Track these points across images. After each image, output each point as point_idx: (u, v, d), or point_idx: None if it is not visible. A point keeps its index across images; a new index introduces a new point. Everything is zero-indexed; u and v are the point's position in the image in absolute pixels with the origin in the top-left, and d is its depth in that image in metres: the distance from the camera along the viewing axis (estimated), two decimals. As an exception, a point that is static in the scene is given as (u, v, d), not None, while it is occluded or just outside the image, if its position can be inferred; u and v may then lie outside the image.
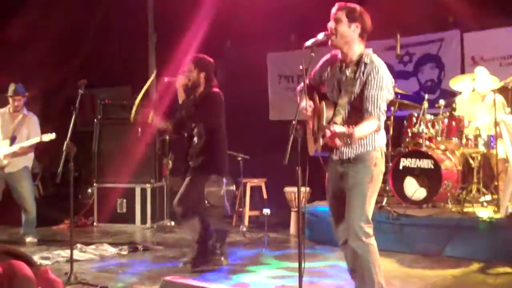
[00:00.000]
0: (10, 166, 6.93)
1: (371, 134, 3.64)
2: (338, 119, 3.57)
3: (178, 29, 9.74)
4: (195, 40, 9.96)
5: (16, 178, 6.96)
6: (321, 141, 3.61)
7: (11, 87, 7.00)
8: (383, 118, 3.60)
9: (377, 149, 3.70)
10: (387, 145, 4.28)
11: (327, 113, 3.66)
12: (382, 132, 3.76)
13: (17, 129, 6.95)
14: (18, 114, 7.03)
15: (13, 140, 6.91)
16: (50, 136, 6.69)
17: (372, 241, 3.65)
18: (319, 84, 3.93)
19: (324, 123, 3.64)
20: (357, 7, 3.74)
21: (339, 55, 3.80)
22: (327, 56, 3.91)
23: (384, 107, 3.60)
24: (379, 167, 3.72)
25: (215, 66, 5.73)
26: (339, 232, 3.89)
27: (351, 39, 3.69)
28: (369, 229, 3.64)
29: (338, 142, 3.36)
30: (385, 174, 3.98)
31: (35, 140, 6.79)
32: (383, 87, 3.59)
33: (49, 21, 9.99)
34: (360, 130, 3.37)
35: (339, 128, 3.31)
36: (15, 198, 7.02)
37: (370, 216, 3.67)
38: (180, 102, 5.50)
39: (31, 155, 7.08)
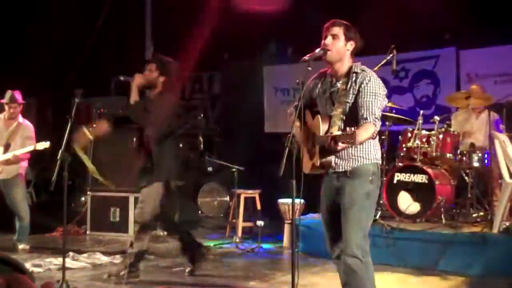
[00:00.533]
0: (4, 173, 6.90)
1: (367, 147, 3.66)
2: (335, 129, 3.58)
3: (176, 40, 9.79)
4: (193, 51, 10.01)
5: (10, 185, 6.93)
6: (317, 152, 3.63)
7: (8, 94, 6.97)
8: (379, 124, 3.61)
9: (373, 163, 3.71)
10: (381, 159, 4.30)
11: (323, 126, 3.68)
12: (377, 145, 3.78)
13: (11, 136, 6.91)
14: (13, 121, 6.99)
15: (6, 147, 6.87)
16: (44, 145, 6.66)
17: (369, 258, 3.65)
18: (310, 103, 3.97)
19: (321, 134, 3.66)
20: (351, 25, 3.80)
21: (329, 71, 3.85)
22: (315, 75, 3.95)
23: (379, 113, 3.61)
24: (375, 182, 3.73)
25: (179, 70, 5.61)
26: (333, 246, 3.89)
27: (344, 55, 3.75)
28: (367, 246, 3.65)
29: (340, 145, 3.36)
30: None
31: (29, 148, 6.76)
32: (377, 94, 3.62)
33: (47, 31, 10.03)
34: (360, 132, 3.35)
35: (337, 132, 3.36)
36: (8, 205, 6.98)
37: (367, 233, 3.68)
38: (131, 102, 5.31)
39: (25, 162, 7.06)
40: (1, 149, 6.87)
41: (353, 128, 3.28)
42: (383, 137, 6.77)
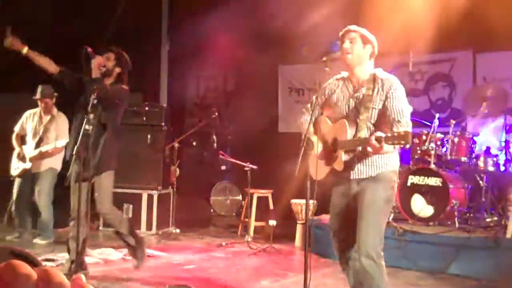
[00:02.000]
0: (36, 167, 7.04)
1: (389, 155, 3.68)
2: (362, 134, 3.61)
3: (191, 38, 9.82)
4: (207, 50, 10.03)
5: (39, 178, 7.05)
6: (343, 157, 3.61)
7: (38, 89, 7.08)
8: (410, 128, 3.62)
9: (393, 170, 3.76)
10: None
11: (350, 130, 3.68)
12: (396, 153, 3.80)
13: (44, 130, 7.06)
14: (47, 115, 7.13)
15: (39, 142, 7.02)
16: (62, 143, 6.76)
17: (383, 261, 3.67)
18: (323, 108, 3.98)
19: (348, 138, 3.65)
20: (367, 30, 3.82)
21: (347, 76, 3.87)
22: (331, 80, 3.95)
23: (409, 117, 3.67)
24: (394, 189, 3.79)
25: (132, 67, 5.58)
26: (341, 251, 3.90)
27: (364, 59, 3.78)
28: (381, 249, 3.66)
29: (386, 147, 3.35)
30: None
31: (51, 146, 6.87)
32: (404, 100, 3.69)
33: (62, 28, 10.08)
34: (409, 132, 3.31)
35: (382, 134, 3.31)
36: (32, 199, 7.12)
37: (382, 236, 3.69)
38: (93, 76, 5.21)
39: (59, 156, 7.07)
40: (33, 143, 7.02)
41: (401, 130, 3.30)
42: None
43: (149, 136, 8.28)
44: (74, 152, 4.82)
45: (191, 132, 8.81)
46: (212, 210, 9.88)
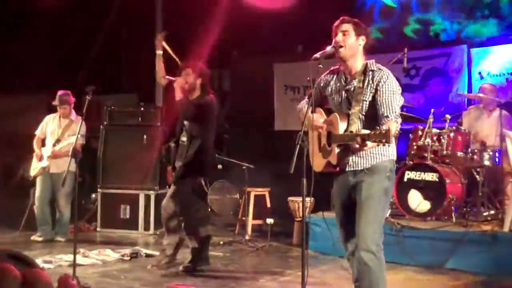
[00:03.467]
0: (55, 167, 7.31)
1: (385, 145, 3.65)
2: (354, 128, 3.57)
3: (186, 38, 9.79)
4: (203, 49, 10.01)
5: (57, 179, 7.18)
6: (336, 150, 3.61)
7: (57, 97, 7.45)
8: (400, 121, 3.62)
9: (390, 160, 3.73)
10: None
11: (341, 124, 3.66)
12: (393, 143, 3.77)
13: (61, 133, 7.39)
14: (66, 119, 7.48)
15: (56, 143, 7.35)
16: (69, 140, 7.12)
17: (382, 254, 3.66)
18: (320, 100, 3.97)
19: (340, 133, 3.65)
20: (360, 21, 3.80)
21: (342, 68, 3.84)
22: (326, 72, 3.95)
23: (399, 111, 3.62)
24: (391, 179, 3.76)
25: (210, 76, 5.93)
26: (346, 243, 3.89)
27: (357, 51, 3.75)
28: (380, 242, 3.65)
29: (370, 144, 3.34)
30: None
31: (67, 141, 7.15)
32: (395, 92, 3.63)
33: (58, 29, 10.07)
34: (391, 130, 3.27)
35: (366, 131, 3.31)
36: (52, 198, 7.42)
37: (381, 228, 3.68)
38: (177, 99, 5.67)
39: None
40: (51, 144, 7.34)
41: (384, 127, 3.26)
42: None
43: (145, 137, 8.28)
44: None
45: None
46: (209, 209, 9.87)
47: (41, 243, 7.17)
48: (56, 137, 7.38)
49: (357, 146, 3.38)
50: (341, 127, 3.65)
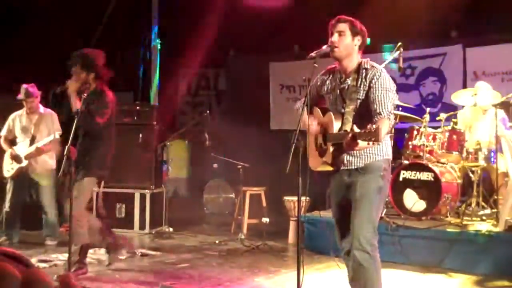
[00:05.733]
0: (32, 169, 7.02)
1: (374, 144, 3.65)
2: (348, 127, 3.58)
3: (182, 36, 9.79)
4: (199, 47, 10.01)
5: (38, 179, 7.06)
6: (331, 149, 3.61)
7: (22, 90, 7.04)
8: (393, 118, 3.62)
9: (384, 159, 3.72)
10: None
11: (336, 123, 3.66)
12: (388, 141, 3.77)
13: (35, 129, 7.04)
14: (34, 114, 7.11)
15: (32, 140, 7.00)
16: (56, 136, 6.80)
17: (377, 253, 3.66)
18: (317, 99, 3.97)
19: (335, 131, 3.64)
20: (357, 20, 3.79)
21: (337, 67, 3.85)
22: (322, 72, 3.95)
23: (392, 108, 3.61)
24: (386, 178, 3.75)
25: (104, 57, 5.52)
26: (343, 242, 3.89)
27: (352, 51, 3.75)
28: (375, 241, 3.65)
29: (361, 143, 3.31)
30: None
31: (49, 138, 6.85)
32: (388, 89, 3.62)
33: (54, 26, 10.03)
34: (381, 129, 3.24)
35: (357, 130, 3.29)
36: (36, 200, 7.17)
37: (376, 227, 3.67)
38: (74, 110, 5.21)
39: (53, 154, 7.10)
40: (28, 142, 7.00)
41: (374, 126, 3.22)
42: (389, 134, 6.75)
43: (140, 135, 8.26)
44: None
45: (182, 131, 8.79)
46: (205, 208, 9.87)
47: (36, 243, 7.10)
48: (31, 134, 7.00)
49: (347, 145, 3.37)
50: (336, 126, 3.65)
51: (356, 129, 3.32)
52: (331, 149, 3.64)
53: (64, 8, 10.00)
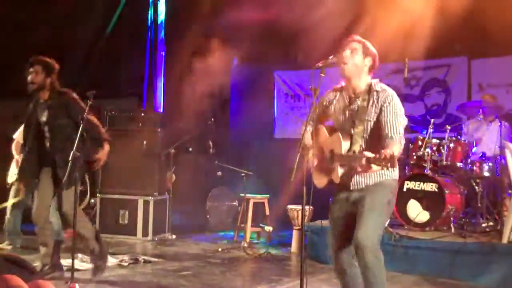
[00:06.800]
0: None
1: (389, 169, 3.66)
2: (356, 147, 3.60)
3: (186, 43, 9.82)
4: (204, 55, 10.03)
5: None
6: (339, 170, 3.60)
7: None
8: (403, 142, 3.63)
9: (393, 179, 3.76)
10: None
11: (344, 143, 3.67)
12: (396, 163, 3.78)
13: None
14: None
15: None
16: None
17: (381, 255, 3.63)
18: (323, 118, 3.98)
19: (342, 152, 3.65)
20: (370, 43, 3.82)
21: (344, 86, 3.86)
22: (329, 91, 3.97)
23: (403, 132, 3.63)
24: (394, 194, 3.78)
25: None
26: (337, 257, 3.86)
27: (362, 70, 3.76)
28: (379, 247, 3.63)
29: (374, 168, 3.32)
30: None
31: None
32: (399, 113, 3.65)
33: (59, 32, 10.08)
34: (394, 152, 3.28)
35: (371, 154, 3.29)
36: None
37: (380, 239, 3.66)
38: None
39: None
40: None
41: (388, 151, 3.24)
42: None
43: (144, 142, 8.28)
44: None
45: (187, 138, 8.80)
46: (208, 216, 9.86)
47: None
48: None
49: (360, 169, 3.39)
50: (344, 146, 3.66)
51: (369, 154, 3.30)
52: (339, 170, 3.63)
53: (68, 13, 10.05)
